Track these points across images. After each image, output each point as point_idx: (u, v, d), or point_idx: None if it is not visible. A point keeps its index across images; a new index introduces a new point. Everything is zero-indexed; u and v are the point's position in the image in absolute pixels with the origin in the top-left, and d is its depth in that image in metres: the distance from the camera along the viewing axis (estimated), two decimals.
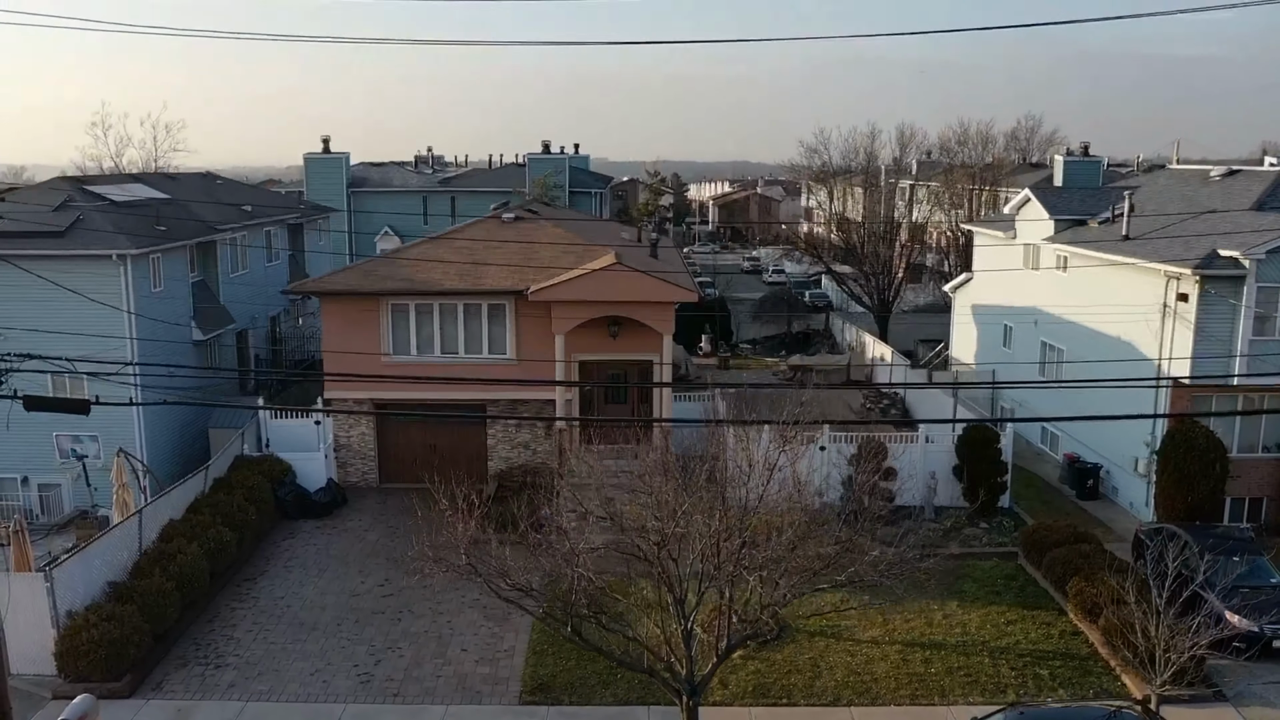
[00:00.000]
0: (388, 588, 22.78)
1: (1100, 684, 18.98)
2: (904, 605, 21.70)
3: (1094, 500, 29.19)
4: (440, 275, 27.07)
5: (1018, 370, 35.90)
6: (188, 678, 19.00)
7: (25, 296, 26.25)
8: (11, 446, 26.62)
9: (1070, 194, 33.76)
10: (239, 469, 26.17)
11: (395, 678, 19.12)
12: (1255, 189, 28.57)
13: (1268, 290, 24.52)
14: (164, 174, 37.20)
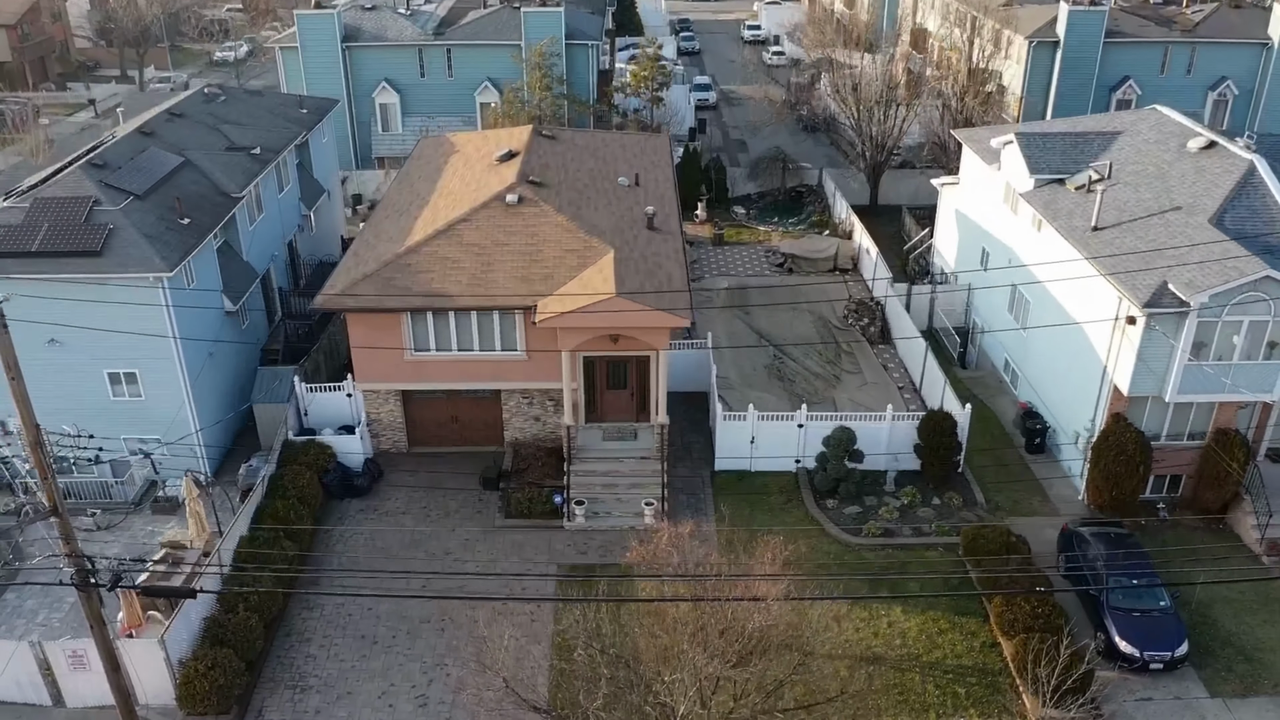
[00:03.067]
0: (431, 588, 27.24)
1: (1004, 703, 23.89)
2: (855, 610, 26.30)
3: (1040, 455, 33.14)
4: (454, 286, 29.30)
5: (992, 299, 38.59)
6: (281, 703, 23.88)
7: (71, 310, 28.76)
8: (86, 426, 30.13)
9: (1052, 149, 34.75)
10: (288, 462, 29.86)
11: (445, 700, 24.00)
12: (1219, 184, 30.06)
13: (1207, 324, 27.07)
14: (169, 113, 37.43)
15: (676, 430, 32.98)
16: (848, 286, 44.93)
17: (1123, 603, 25.19)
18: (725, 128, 73.60)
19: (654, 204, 35.28)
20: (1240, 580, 27.42)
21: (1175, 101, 56.21)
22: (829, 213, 52.29)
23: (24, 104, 77.64)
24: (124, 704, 19.98)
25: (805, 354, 39.50)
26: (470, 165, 36.22)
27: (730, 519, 28.85)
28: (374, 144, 56.10)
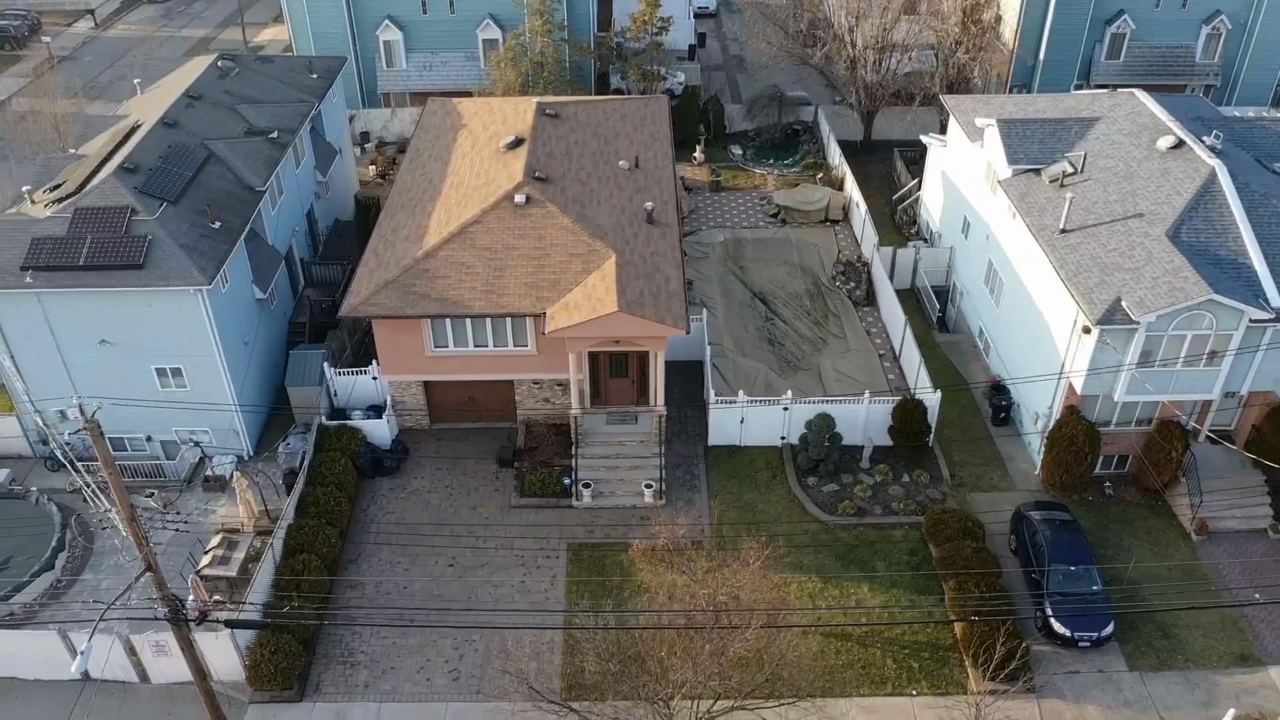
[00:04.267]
0: (457, 567, 30.98)
1: (951, 676, 27.92)
2: (828, 587, 30.13)
3: (1003, 428, 36.41)
4: (469, 293, 31.87)
5: (969, 266, 41.10)
6: (335, 678, 27.94)
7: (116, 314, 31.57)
8: (138, 415, 33.38)
9: (1030, 137, 36.54)
10: (324, 448, 33.18)
11: (475, 674, 28.05)
12: (1181, 190, 32.21)
13: (1155, 337, 29.82)
14: (188, 96, 38.73)
15: (673, 403, 36.17)
16: (837, 240, 47.25)
17: (1059, 586, 28.92)
18: (724, 41, 73.81)
19: (653, 184, 37.50)
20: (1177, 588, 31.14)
21: (1169, 35, 57.40)
22: (823, 153, 53.91)
23: (24, 17, 77.32)
24: (203, 686, 23.92)
25: (795, 315, 42.28)
26: (478, 149, 38.11)
27: (722, 502, 32.48)
28: (379, 80, 57.05)
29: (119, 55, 74.71)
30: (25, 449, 35.37)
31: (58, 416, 33.70)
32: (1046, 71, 57.47)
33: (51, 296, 31.36)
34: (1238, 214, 31.35)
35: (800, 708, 25.69)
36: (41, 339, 32.34)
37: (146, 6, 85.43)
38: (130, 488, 31.82)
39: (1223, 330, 29.73)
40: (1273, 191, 32.77)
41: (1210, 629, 29.26)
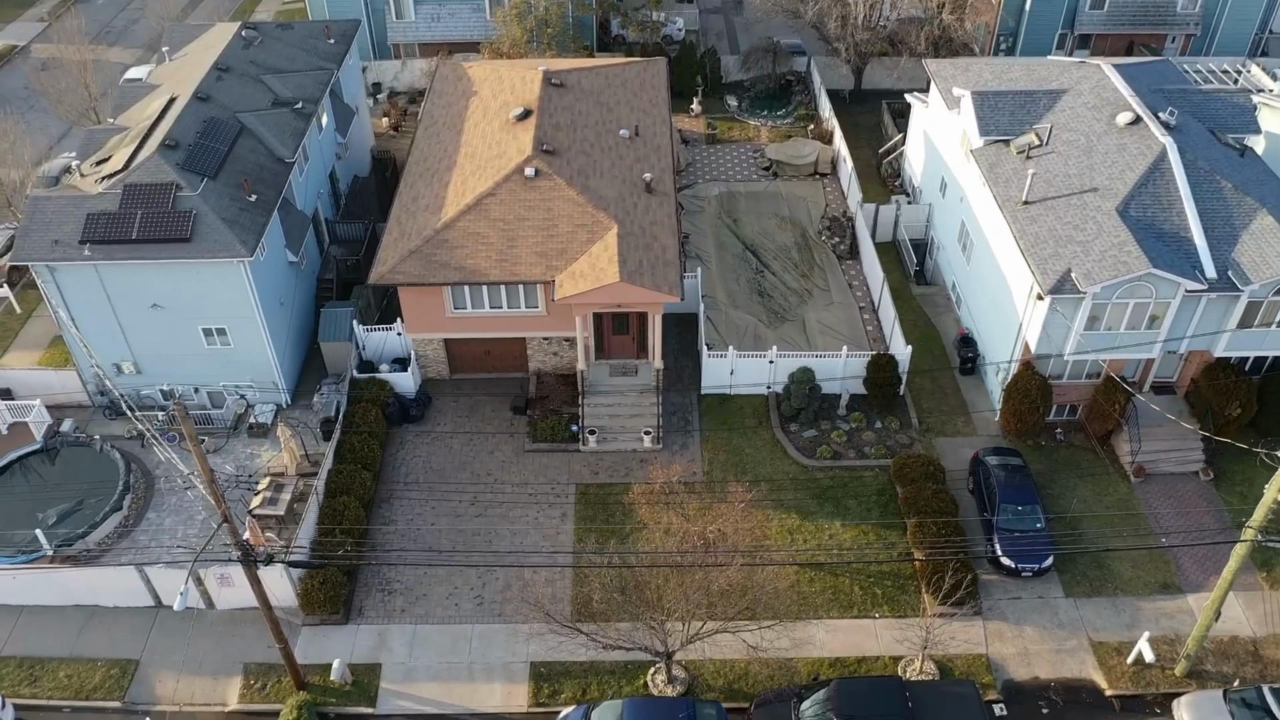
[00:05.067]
0: (477, 506, 35.02)
1: (909, 602, 32.12)
2: (805, 524, 34.21)
3: (970, 377, 40.10)
4: (485, 261, 35.22)
5: (945, 223, 44.27)
6: (375, 604, 32.20)
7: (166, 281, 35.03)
8: (187, 368, 37.19)
9: (1001, 109, 39.34)
10: (356, 400, 36.96)
11: (496, 600, 32.29)
12: (1133, 166, 35.27)
13: (1099, 305, 33.26)
14: (217, 69, 41.28)
15: (670, 353, 39.86)
16: (825, 193, 50.25)
17: (1007, 524, 32.94)
18: None
19: (651, 152, 40.54)
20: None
21: None
22: (815, 105, 56.45)
23: None
24: (267, 614, 28.10)
25: (784, 268, 45.62)
26: (489, 118, 40.98)
27: (713, 447, 36.44)
28: (389, 32, 59.21)
29: None
30: (84, 400, 39.16)
31: (114, 370, 37.62)
32: (1032, 21, 59.59)
33: (107, 267, 34.75)
34: (1183, 191, 34.48)
35: (776, 629, 29.95)
36: (99, 304, 35.83)
37: None
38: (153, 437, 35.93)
39: (1161, 298, 33.18)
40: (1220, 166, 35.83)
41: (1139, 561, 33.39)
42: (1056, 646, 31.17)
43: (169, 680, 30.53)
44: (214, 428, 38.14)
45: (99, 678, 30.52)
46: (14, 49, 68.82)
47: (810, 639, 31.12)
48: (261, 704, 29.85)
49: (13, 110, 59.29)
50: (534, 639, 30.98)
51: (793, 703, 28.44)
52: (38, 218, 35.13)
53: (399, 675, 30.44)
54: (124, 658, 31.03)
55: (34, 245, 34.60)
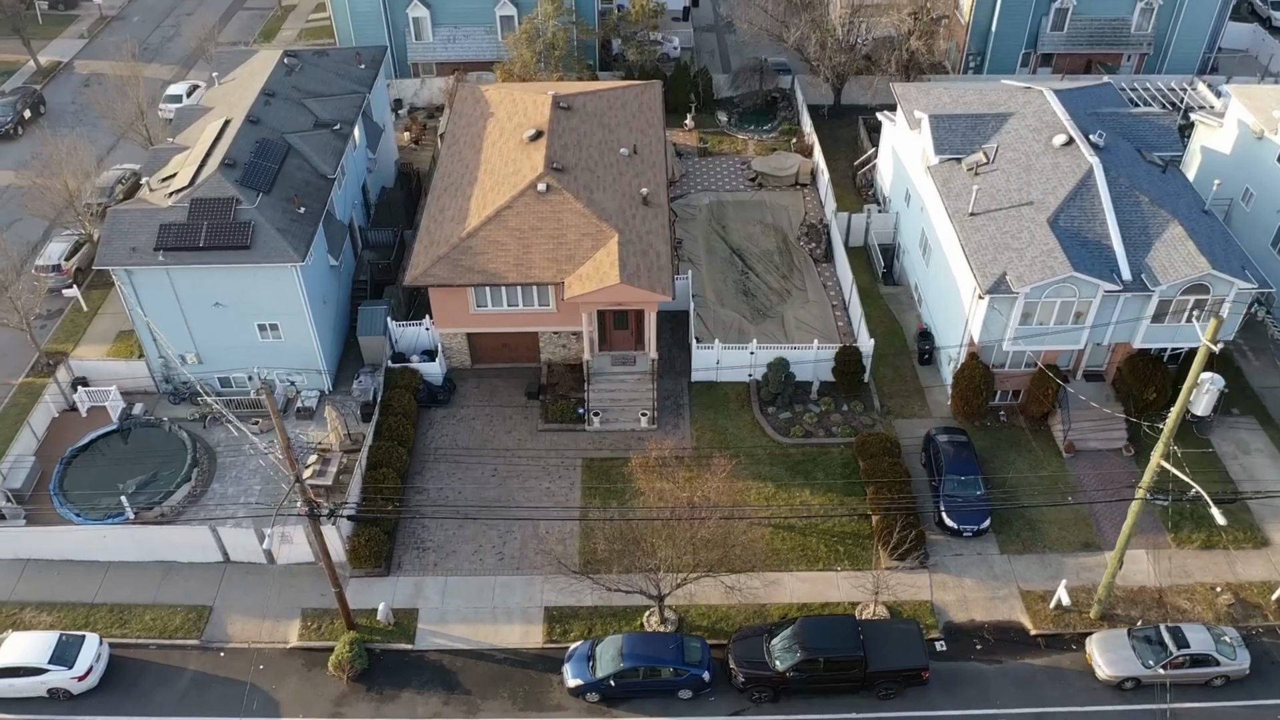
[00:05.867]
0: (498, 476, 40.55)
1: (866, 557, 37.62)
2: (779, 492, 39.73)
3: (927, 366, 45.61)
4: (503, 265, 40.72)
5: (909, 231, 49.74)
6: (412, 559, 37.75)
7: (228, 283, 40.52)
8: (242, 358, 42.72)
9: (955, 130, 44.80)
10: (391, 386, 42.48)
11: (514, 555, 37.84)
12: (1064, 183, 40.73)
13: (1030, 303, 38.76)
14: (265, 95, 46.70)
15: (663, 346, 45.35)
16: (804, 202, 55.75)
17: (951, 491, 38.48)
18: (716, 1, 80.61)
19: (647, 168, 46.05)
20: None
21: (1106, 10, 64.65)
22: (798, 120, 61.90)
23: None
24: (327, 563, 33.60)
25: (766, 270, 51.12)
26: (505, 138, 46.45)
27: (700, 427, 42.00)
28: (409, 52, 64.66)
29: (165, 14, 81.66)
30: (151, 387, 44.65)
31: (180, 360, 43.19)
32: (998, 41, 65.19)
33: (178, 271, 40.26)
34: (1106, 204, 39.97)
35: (754, 579, 35.52)
36: (168, 303, 41.34)
37: None
38: (240, 416, 41.52)
39: (1084, 298, 38.67)
40: (1140, 182, 41.32)
41: (1065, 524, 38.94)
42: (991, 595, 36.73)
43: (238, 623, 36.11)
44: (264, 411, 43.62)
45: (179, 620, 36.10)
46: (58, 65, 74.21)
47: (781, 588, 36.69)
48: (318, 641, 35.41)
49: (63, 123, 64.94)
50: (547, 589, 36.58)
51: (764, 637, 34.00)
52: (117, 228, 40.64)
53: (433, 618, 36.01)
54: (199, 604, 36.61)
55: (114, 252, 40.12)
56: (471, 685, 34.14)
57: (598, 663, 33.34)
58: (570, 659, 34.02)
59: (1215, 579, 37.07)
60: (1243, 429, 42.86)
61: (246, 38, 76.91)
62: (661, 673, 33.06)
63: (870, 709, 33.40)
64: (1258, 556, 37.89)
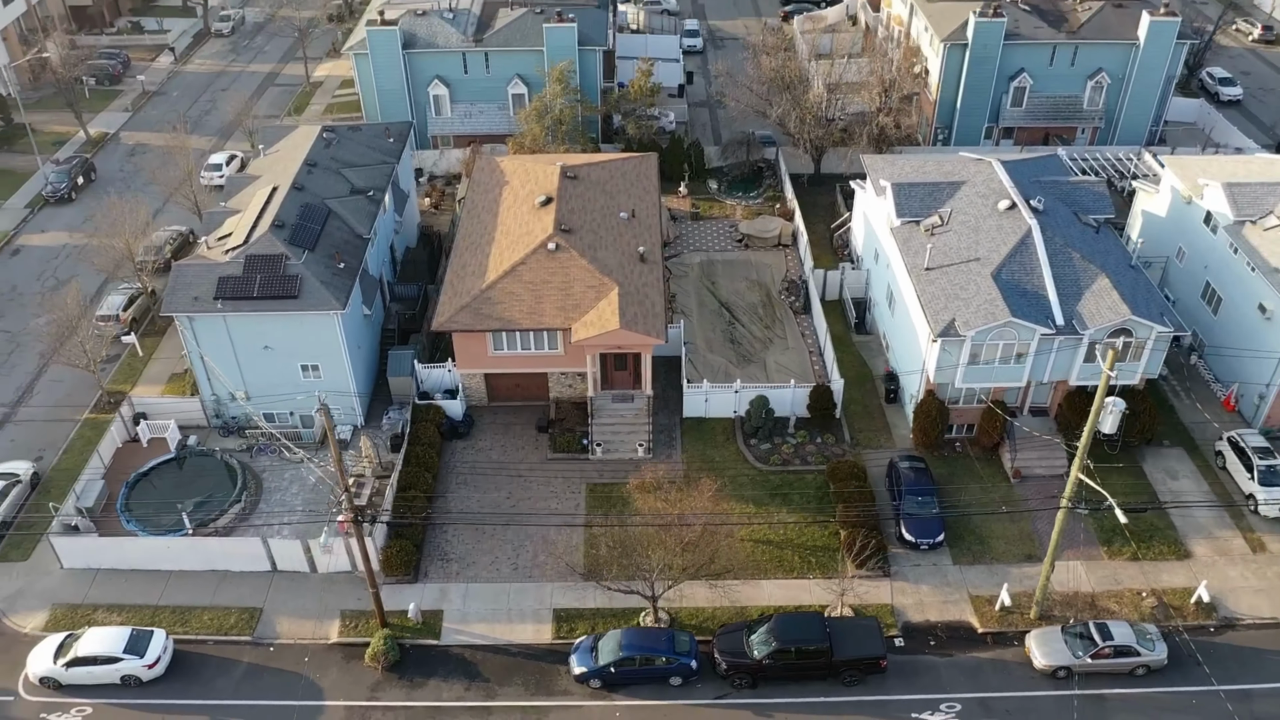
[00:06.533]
0: (512, 499, 45.94)
1: (836, 566, 42.86)
2: (758, 514, 45.08)
3: (893, 404, 51.25)
4: (518, 314, 46.64)
5: (878, 285, 55.75)
6: (437, 568, 43.00)
7: (278, 326, 46.36)
8: (285, 395, 48.33)
9: (915, 196, 51.05)
10: (417, 420, 48.10)
11: (527, 565, 43.09)
12: (1007, 241, 46.79)
13: (976, 346, 44.56)
14: (307, 165, 53.16)
15: (658, 388, 51.00)
16: (786, 260, 61.90)
17: (910, 509, 43.84)
18: (710, 77, 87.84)
19: (644, 230, 52.17)
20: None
21: (1061, 87, 71.62)
22: (781, 188, 68.38)
23: (118, 56, 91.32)
24: (367, 568, 38.86)
25: (751, 321, 57.03)
26: (519, 203, 52.72)
27: (690, 455, 47.51)
28: (429, 126, 71.44)
29: (201, 90, 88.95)
30: (202, 421, 50.22)
31: (229, 397, 48.87)
32: (963, 116, 72.01)
33: (233, 318, 46.13)
34: (1042, 260, 45.99)
35: (737, 584, 40.76)
36: (223, 345, 47.16)
37: (215, 40, 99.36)
38: (284, 446, 47.00)
39: (1023, 340, 44.47)
40: (1073, 241, 47.41)
41: (1011, 539, 44.23)
42: (944, 599, 41.91)
43: (285, 622, 41.25)
44: (304, 442, 49.16)
45: (233, 620, 41.25)
46: (106, 135, 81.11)
47: (760, 592, 41.89)
48: (355, 638, 40.51)
49: (113, 188, 71.44)
50: (556, 593, 41.79)
51: (744, 632, 39.15)
52: (181, 279, 46.63)
53: (456, 618, 41.16)
54: (251, 606, 41.79)
55: (179, 300, 46.07)
56: (490, 674, 39.21)
57: (599, 653, 38.45)
58: (575, 651, 39.14)
59: (1141, 586, 42.27)
60: (1172, 459, 48.34)
61: (278, 112, 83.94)
62: (655, 661, 38.15)
63: (836, 694, 38.40)
64: (1180, 567, 43.11)
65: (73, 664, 38.40)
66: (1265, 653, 39.87)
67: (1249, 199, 51.30)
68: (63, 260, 64.71)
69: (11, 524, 45.26)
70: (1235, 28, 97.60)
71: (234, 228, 49.54)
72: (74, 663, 38.40)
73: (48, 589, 42.68)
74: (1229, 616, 41.11)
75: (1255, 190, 51.62)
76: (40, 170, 73.44)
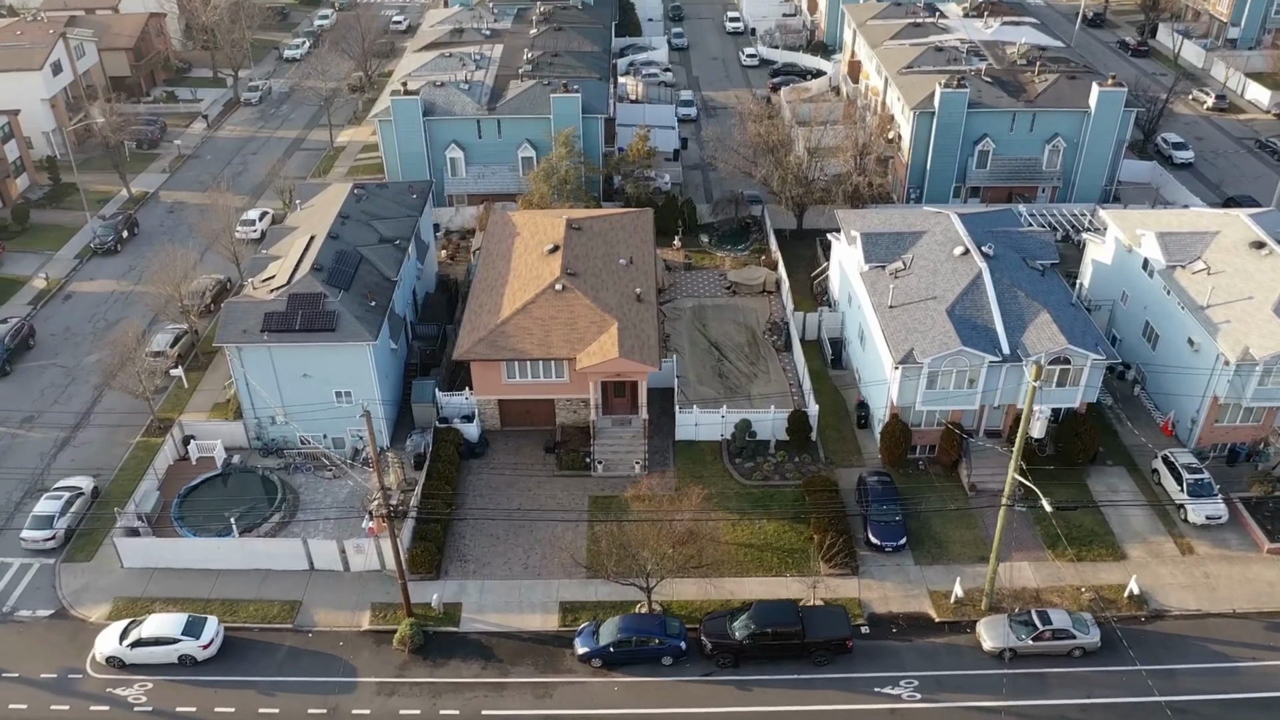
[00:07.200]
0: (521, 510, 51.52)
1: (809, 566, 48.27)
2: (741, 523, 50.62)
3: (864, 429, 57.09)
4: (529, 345, 52.76)
5: (851, 325, 61.96)
6: (455, 567, 48.44)
7: (316, 356, 52.40)
8: (319, 418, 54.16)
9: (881, 244, 57.52)
10: (438, 441, 53.89)
11: (537, 565, 48.53)
12: (960, 282, 53.08)
13: (932, 372, 50.59)
14: (341, 216, 59.84)
15: (653, 414, 56.83)
16: (770, 305, 68.22)
17: (876, 516, 49.40)
18: (702, 143, 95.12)
19: (640, 275, 58.53)
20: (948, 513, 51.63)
21: (1021, 150, 78.59)
22: (766, 241, 74.99)
23: (155, 122, 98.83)
24: (397, 562, 44.26)
25: (738, 358, 63.10)
26: (529, 251, 59.21)
27: (682, 472, 53.22)
28: (446, 185, 78.36)
29: (233, 154, 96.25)
30: (244, 443, 55.99)
31: (270, 421, 54.73)
32: (933, 177, 78.88)
33: (277, 349, 52.19)
34: (991, 298, 52.22)
35: (723, 581, 46.21)
36: (267, 373, 53.14)
37: (244, 109, 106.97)
38: (315, 465, 52.76)
39: (974, 367, 50.48)
40: (1020, 281, 53.69)
41: (966, 543, 49.71)
42: (905, 593, 47.27)
43: (322, 612, 46.58)
44: (335, 460, 54.85)
45: (276, 611, 46.59)
46: (146, 194, 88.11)
47: (742, 587, 47.28)
48: (384, 625, 45.82)
49: (154, 241, 78.06)
50: (562, 588, 47.18)
51: (728, 618, 44.47)
52: (231, 315, 52.83)
53: (474, 609, 46.50)
54: (291, 599, 47.16)
55: (230, 333, 52.20)
56: (503, 656, 44.47)
57: (600, 636, 43.77)
58: (579, 635, 44.45)
59: (1081, 582, 47.64)
60: (1114, 476, 53.98)
61: (304, 173, 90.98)
62: (649, 643, 43.44)
63: (809, 672, 43.60)
64: (1117, 567, 48.53)
65: (136, 645, 43.68)
66: (1189, 639, 45.15)
67: (1179, 246, 57.78)
68: (111, 305, 71.02)
69: (76, 530, 50.79)
70: (1191, 97, 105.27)
71: (276, 270, 55.89)
72: (137, 644, 43.68)
73: (110, 585, 48.09)
74: (1158, 608, 46.44)
75: (1185, 239, 58.13)
76: (88, 224, 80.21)
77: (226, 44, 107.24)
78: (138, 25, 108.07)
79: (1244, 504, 51.16)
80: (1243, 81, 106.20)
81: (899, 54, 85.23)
